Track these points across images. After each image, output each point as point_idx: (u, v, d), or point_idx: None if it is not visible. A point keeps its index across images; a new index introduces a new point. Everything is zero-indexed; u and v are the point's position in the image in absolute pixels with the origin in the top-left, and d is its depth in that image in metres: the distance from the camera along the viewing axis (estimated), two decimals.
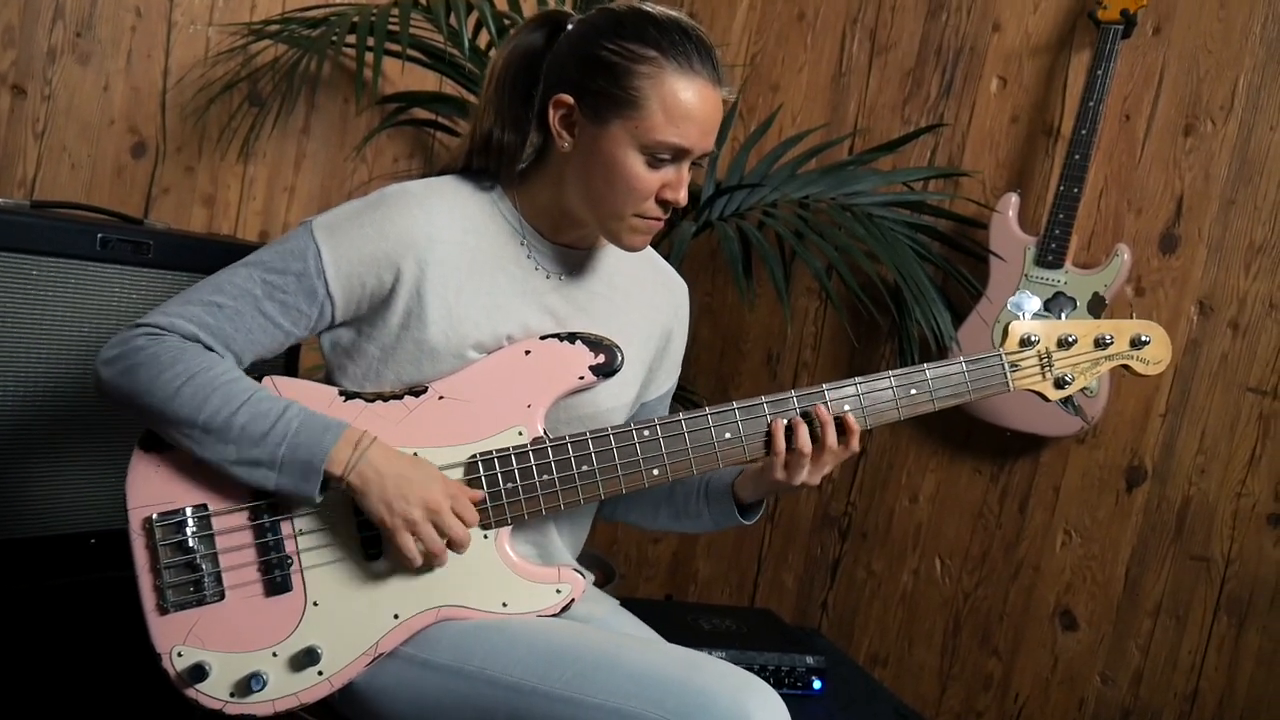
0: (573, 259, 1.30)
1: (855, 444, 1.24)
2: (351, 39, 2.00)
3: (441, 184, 1.25)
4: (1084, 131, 2.02)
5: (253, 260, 1.19)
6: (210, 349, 1.16)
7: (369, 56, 1.91)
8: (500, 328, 1.23)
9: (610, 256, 1.35)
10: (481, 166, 1.26)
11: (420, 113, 2.32)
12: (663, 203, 1.20)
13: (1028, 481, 2.24)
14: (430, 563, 1.17)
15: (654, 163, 1.17)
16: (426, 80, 2.35)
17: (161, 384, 1.12)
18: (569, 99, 1.18)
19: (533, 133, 1.22)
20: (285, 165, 2.33)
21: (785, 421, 1.23)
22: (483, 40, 2.11)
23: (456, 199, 1.24)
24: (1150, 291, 2.11)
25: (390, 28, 1.94)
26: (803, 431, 1.23)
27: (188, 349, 1.14)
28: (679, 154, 1.18)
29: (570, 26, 1.22)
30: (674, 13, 1.19)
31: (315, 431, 1.13)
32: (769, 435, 1.24)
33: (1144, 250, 2.11)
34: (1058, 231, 2.05)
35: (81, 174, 2.09)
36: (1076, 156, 2.02)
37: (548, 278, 1.28)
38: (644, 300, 1.37)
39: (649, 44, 1.15)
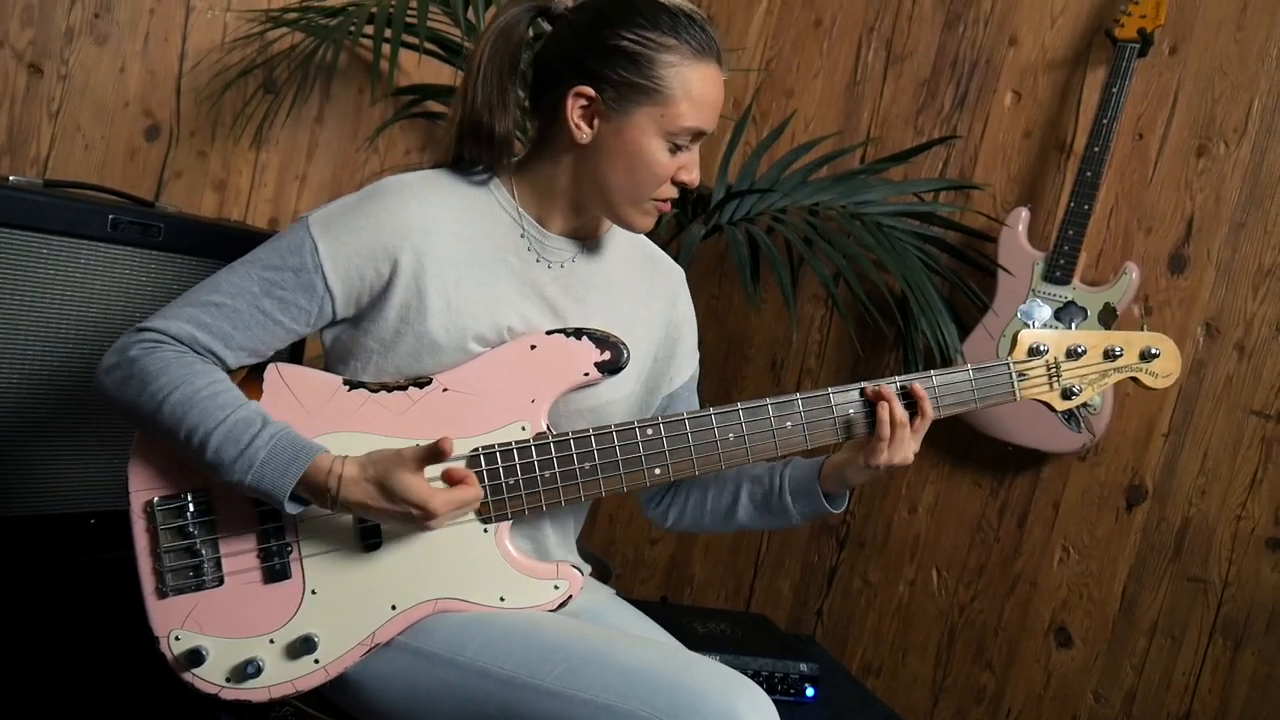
0: (571, 248, 1.30)
1: (929, 408, 1.27)
2: (369, 30, 2.01)
3: (436, 176, 1.25)
4: (1097, 149, 2.02)
5: (249, 259, 1.19)
6: (209, 350, 1.16)
7: (385, 48, 1.91)
8: (500, 319, 1.23)
9: (608, 246, 1.35)
10: (474, 157, 1.25)
11: (434, 105, 2.32)
12: (679, 184, 1.23)
13: (1027, 497, 2.24)
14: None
15: (674, 148, 1.20)
16: (441, 73, 2.36)
17: (147, 398, 1.12)
18: (590, 90, 1.18)
19: (528, 121, 1.23)
20: (297, 153, 2.34)
21: (886, 403, 1.26)
22: None
23: (453, 191, 1.24)
24: (1157, 311, 2.11)
25: (408, 20, 1.95)
26: (898, 407, 1.26)
27: (174, 361, 1.13)
28: (696, 136, 1.21)
29: (569, 14, 1.22)
30: None
31: (280, 464, 1.11)
32: (868, 417, 1.27)
33: (1152, 269, 2.11)
34: (1067, 248, 2.05)
35: (95, 155, 2.09)
36: (1088, 173, 2.02)
37: (549, 268, 1.28)
38: (642, 289, 1.37)
39: (667, 32, 1.17)
